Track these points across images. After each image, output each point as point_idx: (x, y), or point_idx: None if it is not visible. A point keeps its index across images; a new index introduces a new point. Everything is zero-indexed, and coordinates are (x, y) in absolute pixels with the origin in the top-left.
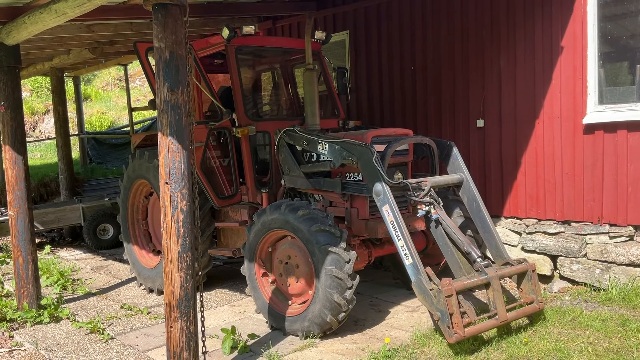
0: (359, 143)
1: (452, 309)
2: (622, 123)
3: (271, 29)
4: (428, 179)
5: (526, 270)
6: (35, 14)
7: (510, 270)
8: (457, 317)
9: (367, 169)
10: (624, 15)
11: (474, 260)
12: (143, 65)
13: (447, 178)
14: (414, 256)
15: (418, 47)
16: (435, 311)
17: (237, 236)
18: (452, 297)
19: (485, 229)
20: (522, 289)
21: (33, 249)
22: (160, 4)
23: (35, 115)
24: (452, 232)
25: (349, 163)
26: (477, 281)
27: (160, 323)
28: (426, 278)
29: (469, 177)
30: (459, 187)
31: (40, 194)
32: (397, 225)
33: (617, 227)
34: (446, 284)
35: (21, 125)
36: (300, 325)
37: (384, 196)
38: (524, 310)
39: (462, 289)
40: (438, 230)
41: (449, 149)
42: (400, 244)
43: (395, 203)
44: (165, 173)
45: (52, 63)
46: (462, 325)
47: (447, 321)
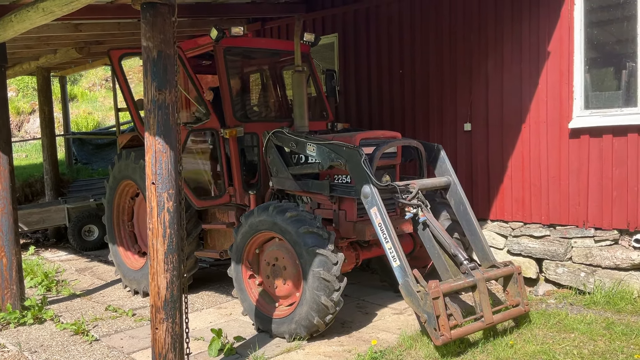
0: (347, 145)
1: (439, 311)
2: (608, 128)
3: (260, 30)
4: (416, 182)
5: (512, 273)
6: (22, 12)
7: (497, 273)
8: (443, 319)
9: (355, 171)
10: (610, 21)
11: (460, 263)
12: (115, 73)
13: (434, 181)
14: (401, 258)
15: (406, 50)
16: (422, 313)
17: (224, 238)
18: (438, 300)
19: (471, 232)
20: (508, 292)
21: (17, 250)
22: (148, 3)
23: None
24: (439, 235)
25: (337, 165)
26: (463, 283)
27: (146, 325)
28: (413, 280)
29: (456, 180)
30: (447, 190)
31: (25, 194)
32: (385, 228)
33: (602, 231)
34: (433, 286)
35: (6, 124)
36: (287, 327)
37: (372, 198)
38: (509, 313)
39: (448, 292)
40: (425, 233)
41: (437, 152)
42: (388, 246)
43: (383, 205)
44: (152, 173)
45: (38, 62)
46: (448, 327)
47: (433, 323)
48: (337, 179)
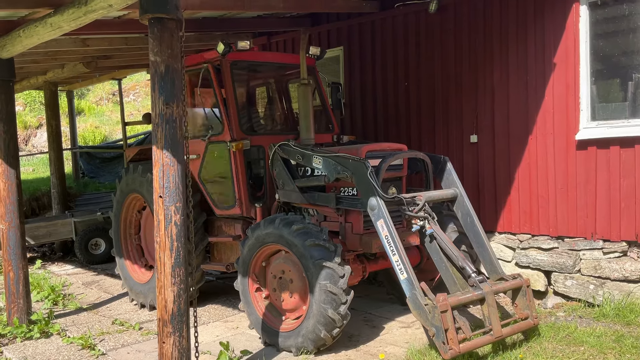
0: (353, 157)
1: (447, 325)
2: (615, 139)
3: (266, 44)
4: (422, 194)
5: (520, 285)
6: (30, 27)
7: (505, 285)
8: (452, 332)
9: (361, 183)
10: (615, 33)
11: (468, 276)
12: None
13: (441, 193)
14: (408, 271)
15: (412, 63)
16: (430, 327)
17: (231, 251)
18: (447, 313)
19: (479, 244)
20: (516, 305)
21: (24, 264)
22: (156, 18)
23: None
24: (447, 247)
25: (343, 177)
26: (472, 297)
27: (152, 339)
28: (421, 293)
29: (463, 192)
30: (453, 202)
31: (32, 208)
32: (392, 240)
33: (611, 243)
34: (441, 300)
35: (14, 138)
36: (294, 341)
37: (378, 211)
38: (518, 326)
39: (457, 305)
40: (432, 245)
41: (443, 164)
42: (395, 258)
43: (389, 218)
44: (160, 186)
45: (46, 77)
46: (457, 341)
47: (442, 337)
48: (344, 191)
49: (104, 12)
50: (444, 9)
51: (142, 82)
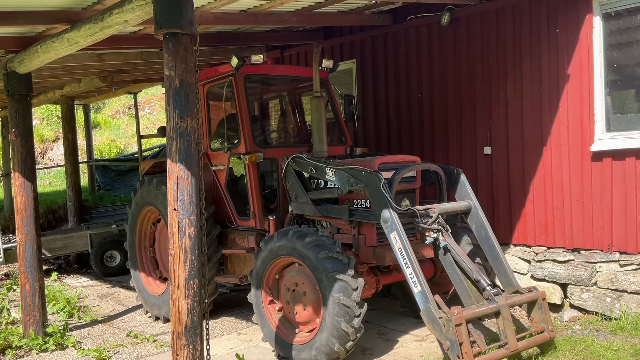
0: (366, 170)
1: (462, 338)
2: (630, 150)
3: (279, 57)
4: (436, 206)
5: (536, 298)
6: (47, 43)
7: (520, 298)
8: (466, 346)
9: (374, 195)
10: (629, 43)
11: (483, 289)
12: None
13: (455, 205)
14: (422, 284)
15: (424, 75)
16: (445, 340)
17: (244, 263)
18: (461, 326)
19: (494, 257)
20: (532, 318)
21: (40, 276)
22: (171, 33)
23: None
24: (461, 260)
25: (356, 190)
26: (486, 310)
27: (167, 351)
28: (435, 306)
29: (477, 204)
30: (467, 214)
31: (48, 220)
32: (405, 252)
33: (628, 255)
34: (455, 313)
35: (31, 152)
36: (308, 354)
37: (391, 223)
38: (534, 340)
39: (471, 318)
40: (447, 258)
41: (457, 176)
42: (409, 271)
43: (403, 230)
44: (174, 199)
45: (62, 91)
46: (472, 354)
47: (456, 350)
48: (357, 203)
49: (119, 28)
50: (457, 22)
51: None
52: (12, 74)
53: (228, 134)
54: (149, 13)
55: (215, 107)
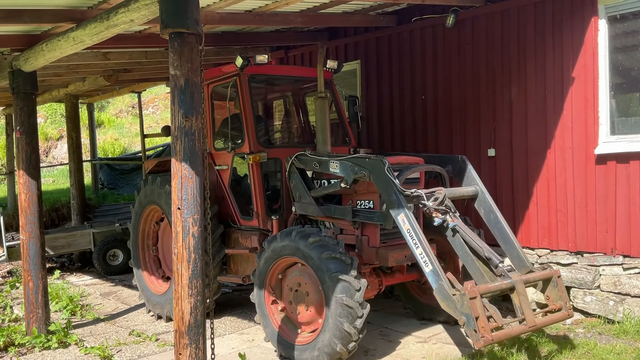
0: (369, 156)
1: (477, 312)
2: (635, 154)
3: (284, 58)
4: (442, 189)
5: (551, 276)
6: (53, 41)
7: (535, 275)
8: (483, 320)
9: (380, 180)
10: (635, 47)
11: (495, 266)
12: None
13: (462, 190)
14: (433, 262)
15: (429, 76)
16: (460, 316)
17: (247, 263)
18: (476, 299)
19: (505, 240)
20: (548, 297)
21: (43, 274)
22: (176, 33)
23: (48, 140)
24: (471, 240)
25: (361, 177)
26: (501, 285)
27: (169, 350)
28: (448, 283)
29: (484, 189)
30: (474, 200)
31: (51, 218)
32: (414, 233)
33: (631, 259)
34: (469, 287)
35: (36, 150)
36: (310, 354)
37: (398, 205)
38: (552, 318)
39: (485, 292)
40: (456, 239)
41: (462, 163)
42: (419, 251)
43: (410, 211)
44: (178, 198)
45: (67, 90)
46: (489, 328)
47: (472, 325)
48: (360, 204)
49: (125, 27)
50: (461, 23)
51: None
52: (18, 72)
53: (232, 133)
54: (155, 12)
55: (220, 106)
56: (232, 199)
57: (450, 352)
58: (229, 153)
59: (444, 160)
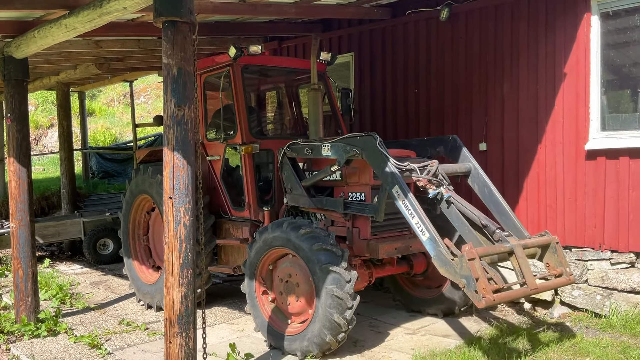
0: (361, 134)
1: (477, 274)
2: (624, 150)
3: (277, 49)
4: (435, 161)
5: (549, 242)
6: (45, 28)
7: (533, 241)
8: (483, 281)
9: (372, 156)
10: (626, 43)
11: (493, 232)
12: None
13: (455, 166)
14: (430, 230)
15: (422, 70)
16: (460, 278)
17: (238, 254)
18: (475, 261)
19: (501, 212)
20: (548, 264)
21: (33, 262)
22: (170, 21)
23: (39, 129)
24: (466, 210)
25: (353, 155)
26: (499, 248)
27: (159, 339)
28: (446, 249)
29: (477, 165)
30: (467, 176)
31: (41, 207)
32: (409, 203)
33: (619, 254)
34: (467, 249)
35: (26, 138)
36: (300, 344)
37: (392, 178)
38: (554, 282)
39: (484, 254)
40: (451, 210)
41: (453, 142)
42: (415, 221)
43: (405, 183)
44: (170, 188)
45: (58, 78)
46: (490, 289)
47: (473, 286)
48: (351, 196)
49: (118, 15)
50: (455, 17)
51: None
52: (9, 58)
53: (224, 124)
54: (148, 0)
55: (212, 97)
56: (223, 189)
57: (439, 343)
58: (221, 144)
59: (435, 142)
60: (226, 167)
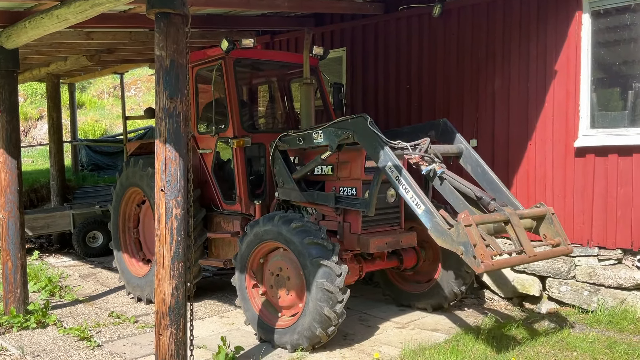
0: (351, 117)
1: (475, 240)
2: (613, 147)
3: (269, 43)
4: (426, 139)
5: (545, 213)
6: (36, 18)
7: (529, 211)
8: (481, 247)
9: (364, 137)
10: (617, 42)
11: (488, 204)
12: None
13: (446, 147)
14: (425, 203)
15: (414, 65)
16: (457, 246)
17: (229, 247)
18: (471, 227)
19: (495, 189)
20: (545, 235)
21: (22, 254)
22: (162, 13)
23: (28, 120)
24: (459, 184)
25: (345, 138)
26: (495, 216)
27: (148, 332)
28: (442, 220)
29: (468, 145)
30: (459, 157)
31: (30, 199)
32: (403, 179)
33: (606, 250)
34: (463, 216)
35: (16, 129)
36: (290, 338)
37: (385, 156)
38: (553, 252)
39: (480, 222)
40: (445, 187)
41: (443, 126)
42: (409, 195)
43: (398, 160)
44: (161, 180)
45: (48, 69)
46: (488, 255)
47: (471, 251)
48: (343, 190)
49: (110, 6)
50: (448, 14)
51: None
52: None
53: (216, 117)
54: None
55: (204, 90)
56: (214, 183)
57: (428, 337)
58: (213, 137)
59: (426, 127)
60: (217, 161)
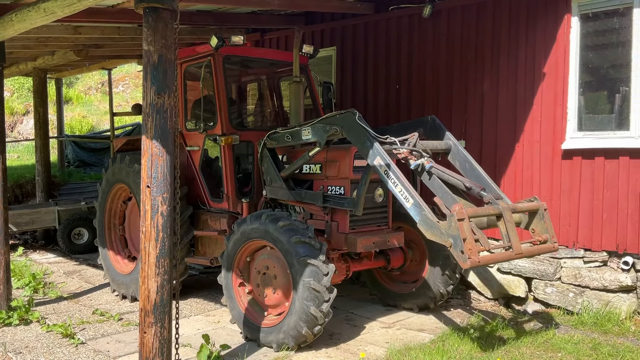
0: (340, 112)
1: (465, 234)
2: (600, 150)
3: (259, 41)
4: (415, 133)
5: (538, 208)
6: (23, 11)
7: (523, 206)
8: (470, 242)
9: (352, 131)
10: (605, 45)
11: (477, 193)
12: None
13: (435, 143)
14: (414, 196)
15: (404, 65)
16: (447, 238)
17: (215, 245)
18: (464, 221)
19: (483, 185)
20: (534, 230)
21: (6, 250)
22: (151, 8)
23: (14, 115)
24: (448, 177)
25: (333, 134)
26: (488, 210)
27: (133, 329)
28: (431, 213)
29: (456, 142)
30: (447, 154)
31: (15, 195)
32: (392, 172)
33: (592, 252)
34: (457, 209)
35: (1, 123)
36: (275, 336)
37: (373, 150)
38: (539, 248)
39: (473, 215)
40: (434, 181)
41: (432, 123)
42: (398, 189)
43: (386, 154)
44: (148, 176)
45: (35, 63)
46: (476, 250)
47: (460, 246)
48: (331, 190)
49: (98, 0)
50: (438, 15)
51: (132, 73)
52: None
53: (204, 115)
54: None
55: (192, 87)
56: (202, 180)
57: (414, 337)
58: (201, 134)
59: (415, 124)
60: (205, 158)
